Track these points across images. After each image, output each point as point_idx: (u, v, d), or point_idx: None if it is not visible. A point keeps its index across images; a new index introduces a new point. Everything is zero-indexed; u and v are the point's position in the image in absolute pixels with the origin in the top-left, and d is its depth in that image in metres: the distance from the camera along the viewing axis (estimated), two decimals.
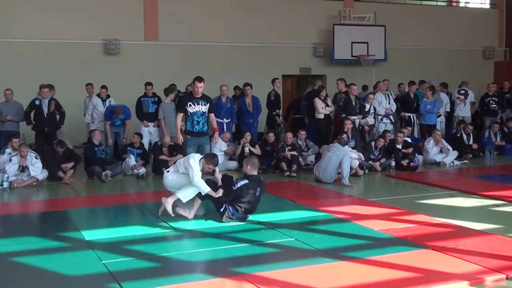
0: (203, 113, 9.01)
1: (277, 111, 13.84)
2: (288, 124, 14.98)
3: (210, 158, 7.51)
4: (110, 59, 15.81)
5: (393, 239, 6.36)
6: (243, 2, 17.64)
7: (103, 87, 13.16)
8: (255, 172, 7.65)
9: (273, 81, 13.92)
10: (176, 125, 9.41)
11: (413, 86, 14.27)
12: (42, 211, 8.55)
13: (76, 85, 14.34)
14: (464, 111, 15.21)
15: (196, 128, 8.99)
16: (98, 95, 13.17)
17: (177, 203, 7.41)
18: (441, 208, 8.24)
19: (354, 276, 5.14)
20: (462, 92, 15.28)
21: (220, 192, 7.25)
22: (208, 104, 9.10)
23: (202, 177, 7.24)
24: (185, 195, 7.28)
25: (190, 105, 8.95)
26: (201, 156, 7.53)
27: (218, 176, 7.63)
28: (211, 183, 7.32)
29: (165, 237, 6.67)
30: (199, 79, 8.96)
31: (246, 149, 11.80)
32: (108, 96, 13.26)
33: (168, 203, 7.38)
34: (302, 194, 9.49)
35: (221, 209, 7.26)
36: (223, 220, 7.23)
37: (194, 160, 7.28)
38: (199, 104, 8.97)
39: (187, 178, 7.29)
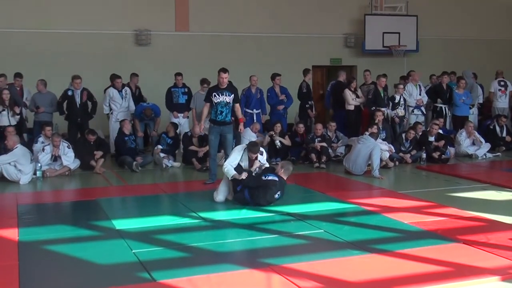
0: (227, 103, 9.22)
1: (310, 102, 13.75)
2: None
3: (250, 146, 8.07)
4: (141, 50, 15.90)
5: (423, 232, 6.31)
6: None
7: (117, 76, 12.76)
8: (284, 177, 7.87)
9: (305, 73, 13.82)
10: (202, 114, 9.68)
11: (446, 76, 14.05)
12: (74, 200, 8.68)
13: (107, 76, 14.45)
14: (503, 102, 14.85)
15: (219, 118, 9.24)
16: (113, 86, 12.70)
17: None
18: (473, 201, 8.14)
19: (383, 269, 5.11)
20: (502, 83, 14.92)
21: (243, 175, 7.68)
22: (233, 94, 9.32)
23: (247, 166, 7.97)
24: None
25: (214, 96, 9.20)
26: (245, 146, 8.12)
27: (256, 163, 8.00)
28: (238, 168, 7.87)
29: (194, 227, 6.71)
30: (224, 70, 9.24)
31: (277, 142, 11.75)
32: (123, 86, 12.81)
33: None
34: (331, 185, 9.45)
35: (238, 188, 7.74)
36: (232, 198, 7.94)
37: (236, 151, 8.07)
38: (224, 94, 9.20)
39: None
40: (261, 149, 8.35)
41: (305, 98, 13.67)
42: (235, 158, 7.92)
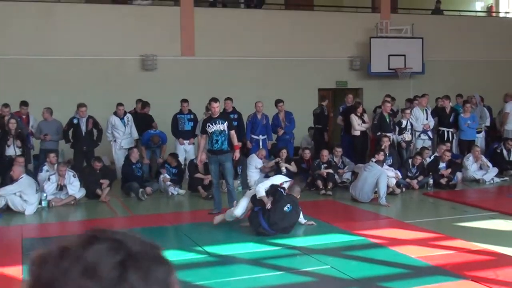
0: (222, 131, 9.30)
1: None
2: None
3: (299, 182, 8.75)
4: (147, 75, 15.94)
5: (431, 268, 6.23)
6: (278, 16, 17.64)
7: (120, 104, 12.86)
8: (295, 195, 8.04)
9: (324, 98, 13.74)
10: (199, 146, 9.89)
11: (447, 100, 13.99)
12: (79, 233, 8.61)
13: (114, 102, 14.49)
14: None
15: (215, 147, 9.32)
16: (115, 113, 12.76)
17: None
18: (481, 232, 8.05)
19: None
20: None
21: (269, 205, 7.66)
22: (227, 122, 9.43)
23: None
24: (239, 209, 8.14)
25: (208, 126, 9.32)
26: (288, 180, 8.45)
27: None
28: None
29: (200, 263, 6.66)
30: (215, 99, 9.44)
31: (283, 169, 11.70)
32: (125, 113, 12.87)
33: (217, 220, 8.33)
34: (338, 215, 9.39)
35: (255, 208, 7.82)
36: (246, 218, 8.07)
37: (278, 178, 8.53)
38: (217, 123, 9.30)
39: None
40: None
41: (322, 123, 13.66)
42: (270, 183, 8.08)
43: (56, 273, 0.92)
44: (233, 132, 9.53)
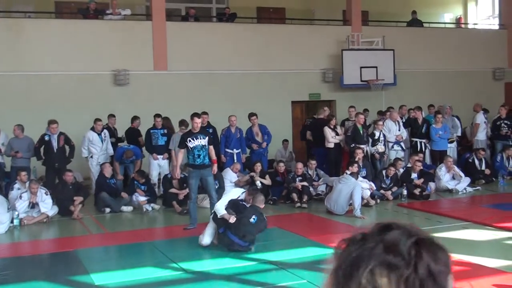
0: (203, 146, 9.33)
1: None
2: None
3: (252, 191, 8.56)
4: (119, 90, 15.84)
5: None
6: (251, 29, 17.69)
7: (98, 120, 12.78)
8: (258, 205, 8.04)
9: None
10: (176, 161, 9.89)
11: (419, 111, 14.14)
12: (52, 251, 8.51)
13: (86, 117, 14.37)
14: (484, 134, 15.09)
15: (197, 161, 9.32)
16: (93, 129, 12.64)
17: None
18: (454, 242, 8.11)
19: None
20: (485, 116, 15.12)
21: (232, 219, 7.64)
22: (207, 137, 9.48)
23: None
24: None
25: (189, 141, 9.31)
26: (244, 190, 8.43)
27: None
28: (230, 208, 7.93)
29: (176, 280, 6.61)
30: (197, 115, 9.51)
31: (258, 183, 11.66)
32: (103, 129, 12.77)
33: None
34: (313, 228, 9.39)
35: (220, 230, 7.78)
36: (217, 242, 7.88)
37: (234, 194, 8.32)
38: (198, 138, 9.32)
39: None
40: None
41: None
42: (227, 199, 8.03)
43: (362, 251, 1.13)
44: (211, 147, 9.60)
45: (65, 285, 6.44)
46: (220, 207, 7.82)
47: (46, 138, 11.97)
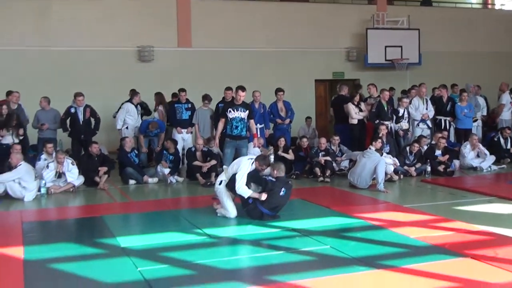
0: (242, 119, 9.63)
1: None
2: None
3: (261, 160, 7.99)
4: (144, 66, 15.96)
5: (430, 247, 6.25)
6: (276, 7, 17.65)
7: (136, 92, 12.98)
8: (281, 175, 7.92)
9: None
10: (217, 129, 10.06)
11: (444, 89, 14.01)
12: (79, 217, 8.66)
13: (111, 92, 14.53)
14: (508, 113, 14.90)
15: (234, 132, 9.64)
16: (130, 101, 12.86)
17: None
18: (479, 215, 8.09)
19: (390, 285, 5.07)
20: None
21: (263, 196, 7.57)
22: (247, 111, 9.75)
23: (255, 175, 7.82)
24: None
25: (230, 111, 9.61)
26: (253, 159, 7.98)
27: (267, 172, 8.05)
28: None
29: (200, 244, 6.66)
30: (243, 88, 9.66)
31: (271, 157, 11.70)
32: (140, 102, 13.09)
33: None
34: (336, 200, 9.41)
35: (249, 201, 7.67)
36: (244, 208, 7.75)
37: (244, 167, 7.76)
38: (239, 110, 9.62)
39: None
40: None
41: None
42: (245, 179, 7.72)
43: None
44: (252, 121, 9.94)
45: (91, 247, 6.53)
46: (243, 188, 7.66)
47: (72, 110, 12.10)
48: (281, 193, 7.72)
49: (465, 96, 13.76)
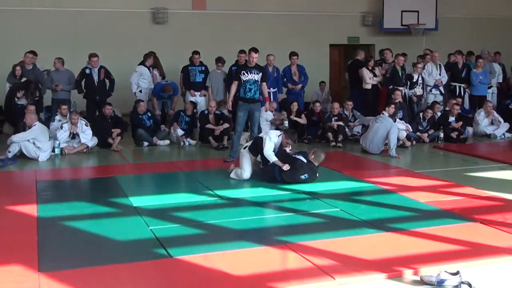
0: (255, 81, 9.47)
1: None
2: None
3: (290, 134, 8.16)
4: (158, 28, 15.90)
5: (440, 212, 6.29)
6: None
7: (149, 55, 12.92)
8: (315, 164, 7.82)
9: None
10: (230, 92, 9.92)
11: (460, 55, 13.84)
12: (92, 177, 8.77)
13: (125, 54, 14.51)
14: None
15: (248, 95, 9.47)
16: (143, 64, 12.83)
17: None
18: (491, 181, 8.09)
19: (399, 247, 5.11)
20: None
21: (286, 167, 7.59)
22: (261, 73, 9.58)
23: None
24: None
25: (243, 74, 9.45)
26: (281, 133, 8.16)
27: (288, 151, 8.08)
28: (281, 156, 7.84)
29: (211, 205, 6.74)
30: (255, 50, 9.47)
31: (286, 123, 11.77)
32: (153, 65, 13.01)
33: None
34: (348, 164, 9.42)
35: (270, 163, 7.76)
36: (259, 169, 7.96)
37: (272, 136, 7.93)
38: (252, 73, 9.44)
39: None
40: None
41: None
42: (273, 144, 7.89)
43: None
44: (264, 84, 9.80)
45: (104, 206, 6.63)
46: (270, 153, 7.78)
47: (87, 71, 12.12)
48: (303, 177, 7.62)
49: (481, 62, 13.63)
